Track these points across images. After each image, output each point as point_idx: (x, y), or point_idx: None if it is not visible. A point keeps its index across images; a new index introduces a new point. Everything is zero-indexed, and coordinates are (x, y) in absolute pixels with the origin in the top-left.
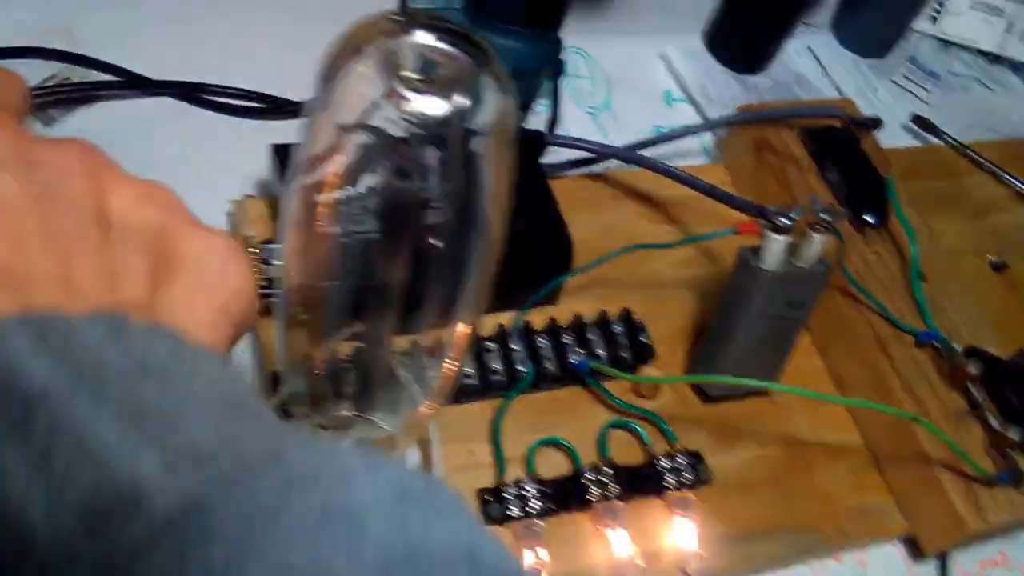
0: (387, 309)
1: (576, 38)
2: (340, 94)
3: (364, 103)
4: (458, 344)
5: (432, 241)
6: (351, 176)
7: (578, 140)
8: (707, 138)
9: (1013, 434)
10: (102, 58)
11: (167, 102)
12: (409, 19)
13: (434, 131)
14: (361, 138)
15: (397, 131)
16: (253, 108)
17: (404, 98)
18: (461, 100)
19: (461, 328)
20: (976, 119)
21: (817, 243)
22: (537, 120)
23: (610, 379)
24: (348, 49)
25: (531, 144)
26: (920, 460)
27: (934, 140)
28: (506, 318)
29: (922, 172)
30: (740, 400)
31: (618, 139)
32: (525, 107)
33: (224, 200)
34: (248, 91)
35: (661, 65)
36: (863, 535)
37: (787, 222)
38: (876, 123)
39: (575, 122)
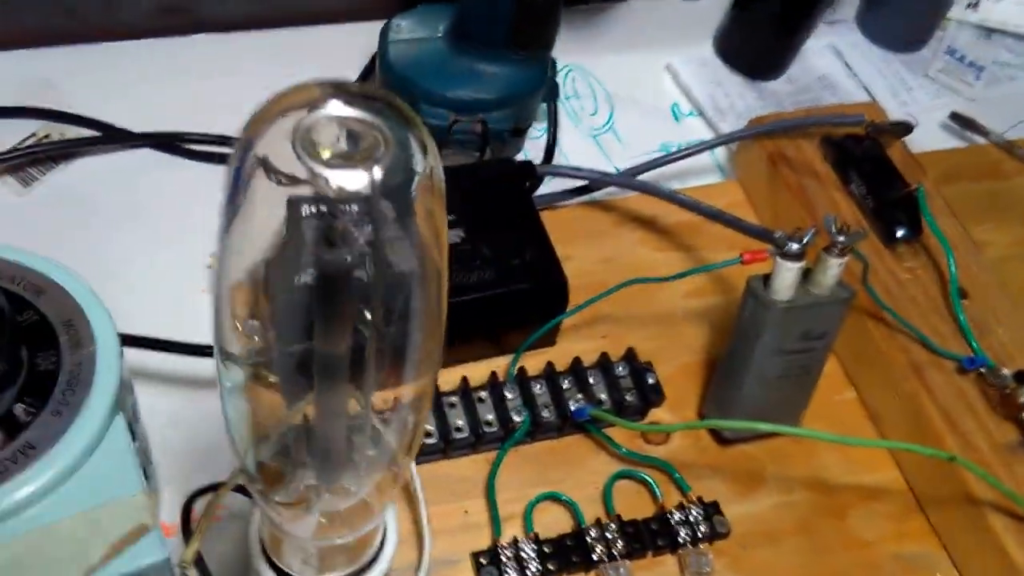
0: (337, 376)
1: (575, 56)
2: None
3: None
4: (415, 403)
5: (370, 309)
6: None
7: (572, 168)
8: (720, 153)
9: None
10: (82, 113)
11: (147, 153)
12: (325, 90)
13: (357, 201)
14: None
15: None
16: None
17: (321, 176)
18: (382, 169)
19: (416, 387)
20: None
21: (834, 268)
22: (535, 147)
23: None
24: (262, 125)
25: (520, 177)
26: (968, 502)
27: (978, 139)
28: (500, 364)
29: (964, 175)
30: (760, 440)
31: (622, 161)
32: (519, 133)
33: (205, 251)
34: (228, 137)
35: (667, 78)
36: None
37: (798, 247)
38: (906, 127)
39: (576, 146)
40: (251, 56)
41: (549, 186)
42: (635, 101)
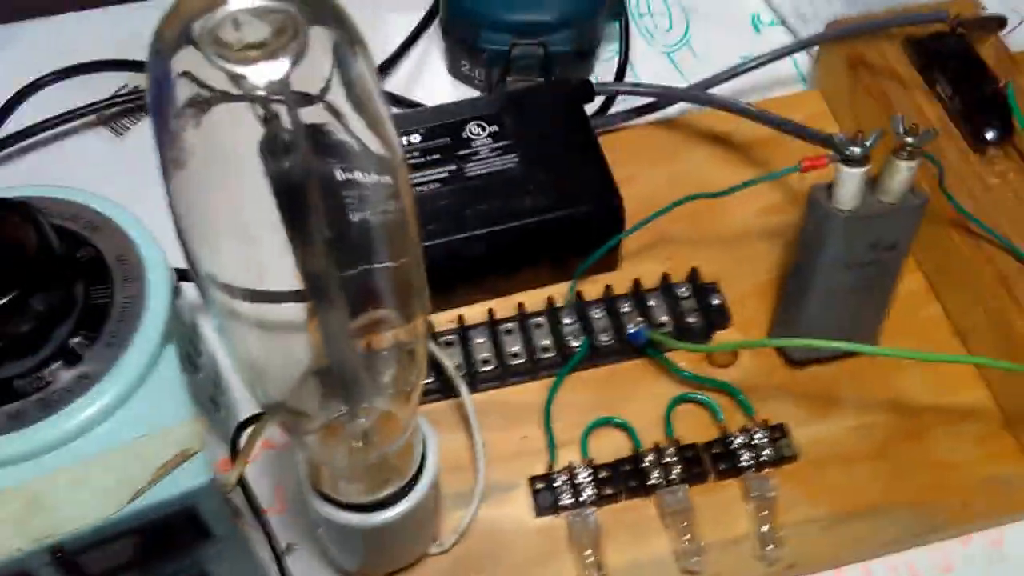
0: (329, 299)
1: None
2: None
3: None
4: (412, 332)
5: (334, 220)
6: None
7: (630, 84)
8: (804, 64)
9: None
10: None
11: None
12: None
13: (284, 97)
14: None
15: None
16: None
17: (239, 74)
18: (298, 54)
19: (401, 310)
20: None
21: (903, 172)
22: (607, 68)
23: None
24: (169, 38)
25: (577, 97)
26: None
27: None
28: (561, 290)
29: None
30: (834, 361)
31: (699, 78)
32: (586, 55)
33: None
34: None
35: None
36: (997, 511)
37: (859, 151)
38: (999, 21)
39: (649, 65)
40: None
41: (623, 105)
42: (712, 14)
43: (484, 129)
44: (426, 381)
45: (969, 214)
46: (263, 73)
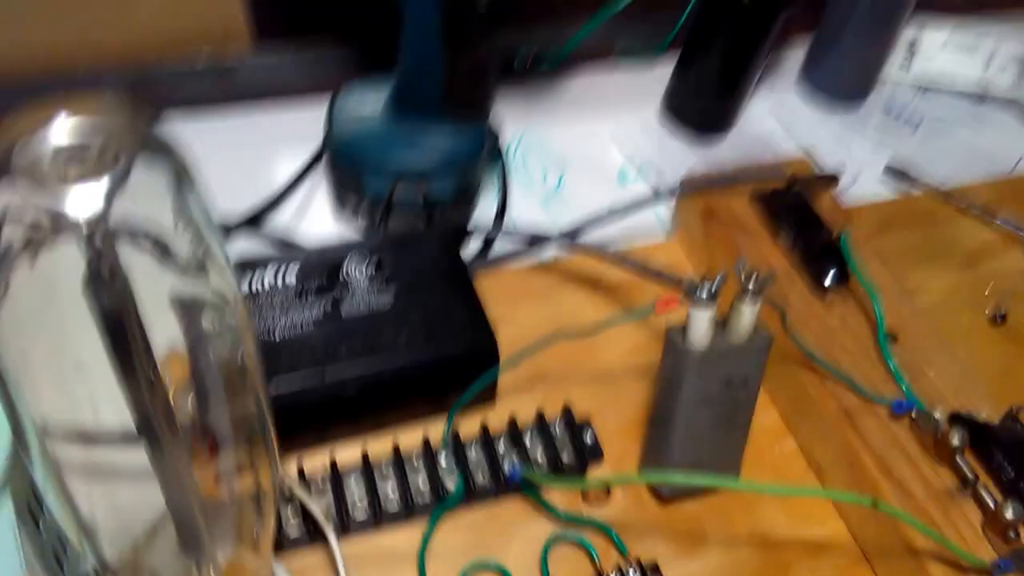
0: (162, 442)
1: (524, 125)
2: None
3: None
4: (257, 479)
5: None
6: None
7: (508, 230)
8: (666, 213)
9: (1009, 512)
10: None
11: None
12: (38, 111)
13: (99, 234)
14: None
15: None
16: None
17: (54, 211)
18: (118, 178)
19: (241, 453)
20: (965, 162)
21: (747, 314)
22: (484, 211)
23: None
24: None
25: (450, 238)
26: (909, 552)
27: (916, 191)
28: (436, 426)
29: (899, 224)
30: (701, 497)
31: (569, 225)
32: (467, 199)
33: None
34: None
35: (613, 145)
36: None
37: (707, 294)
38: (832, 179)
39: (525, 209)
40: (208, 136)
41: (502, 247)
42: (583, 167)
43: (362, 269)
44: (295, 530)
45: (812, 353)
46: (81, 205)
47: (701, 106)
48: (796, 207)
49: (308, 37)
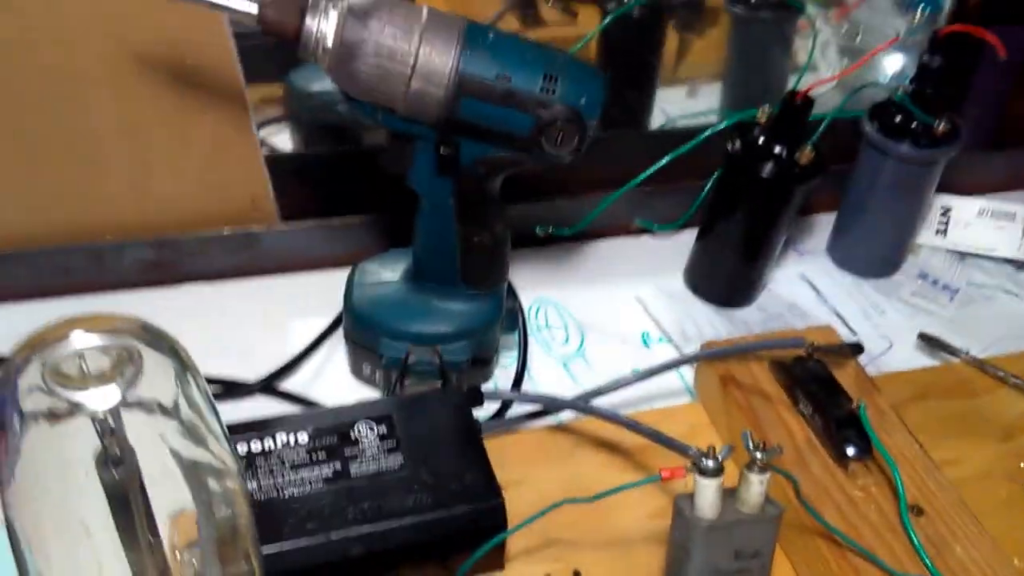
0: None
1: (547, 290)
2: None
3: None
4: None
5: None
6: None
7: (521, 393)
8: (690, 377)
9: None
10: None
11: None
12: (66, 325)
13: (112, 421)
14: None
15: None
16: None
17: (76, 402)
18: (128, 383)
19: None
20: (1007, 331)
21: (756, 484)
22: (505, 375)
23: None
24: (18, 363)
25: (463, 400)
26: None
27: (953, 359)
28: None
29: (933, 394)
30: None
31: (591, 387)
32: (484, 362)
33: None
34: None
35: (637, 308)
36: None
37: (711, 464)
38: (857, 348)
39: (547, 373)
40: (238, 302)
41: (518, 410)
42: (605, 330)
43: (373, 430)
44: None
45: (829, 525)
46: (97, 400)
47: (721, 280)
48: (816, 376)
49: (331, 214)
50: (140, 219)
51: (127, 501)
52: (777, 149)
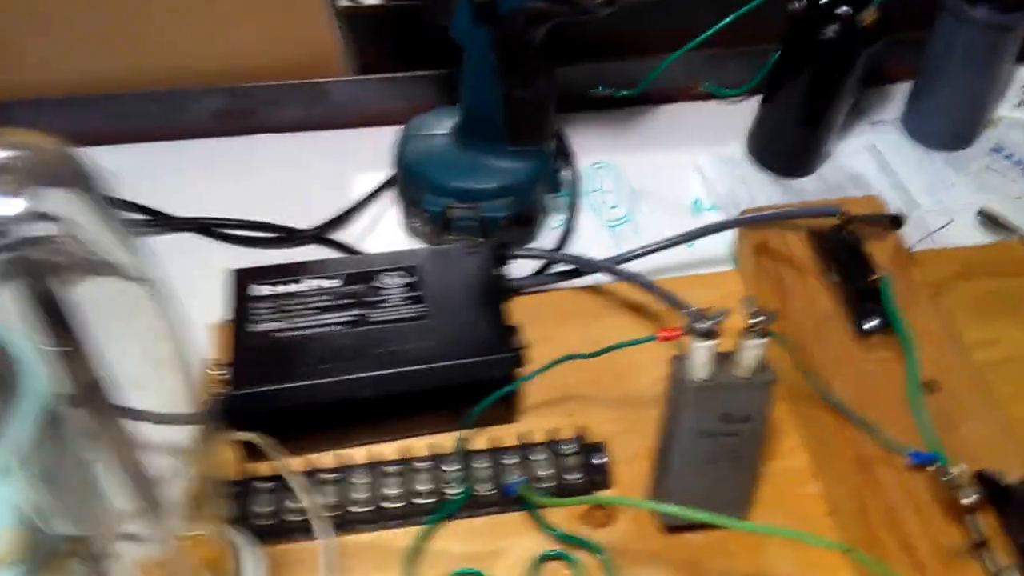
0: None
1: (605, 154)
2: None
3: None
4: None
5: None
6: None
7: (549, 251)
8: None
9: None
10: (138, 201)
11: (189, 237)
12: None
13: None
14: None
15: None
16: (262, 238)
17: None
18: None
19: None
20: None
21: (751, 349)
22: (552, 237)
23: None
24: None
25: (488, 255)
26: None
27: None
28: (451, 438)
29: (985, 271)
30: (707, 531)
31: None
32: (528, 222)
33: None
34: (257, 222)
35: (694, 175)
36: None
37: (705, 326)
38: (896, 220)
39: (592, 236)
40: (305, 153)
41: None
42: (658, 196)
43: (398, 279)
44: (296, 519)
45: (828, 396)
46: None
47: (782, 148)
48: (847, 246)
49: (401, 69)
50: (214, 67)
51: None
52: (841, 9)
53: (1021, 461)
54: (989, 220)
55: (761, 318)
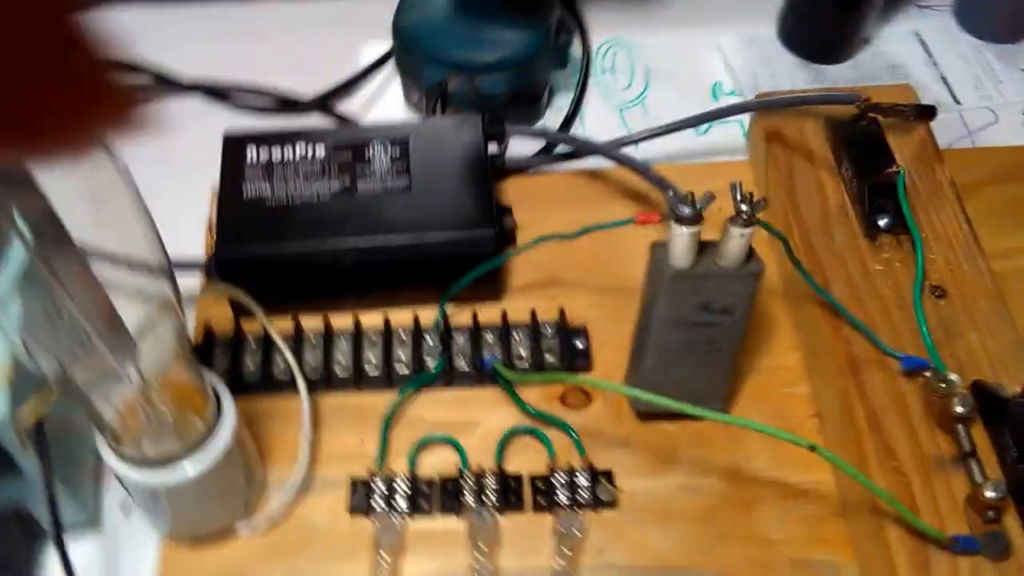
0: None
1: (622, 31)
2: None
3: None
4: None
5: None
6: None
7: (541, 129)
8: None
9: (990, 491)
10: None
11: (194, 101)
12: None
13: None
14: None
15: None
16: (270, 107)
17: None
18: None
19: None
20: None
21: (735, 238)
22: (558, 117)
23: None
24: None
25: (483, 132)
26: (875, 512)
27: None
28: (433, 312)
29: (1021, 176)
30: (680, 420)
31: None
32: (530, 99)
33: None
34: (262, 89)
35: (716, 56)
36: None
37: (688, 211)
38: (925, 111)
39: (601, 118)
40: (315, 21)
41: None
42: (674, 78)
43: (387, 150)
44: (281, 376)
45: (825, 293)
46: None
47: (815, 29)
48: (866, 137)
49: None
50: None
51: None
52: None
53: None
54: None
55: (752, 205)
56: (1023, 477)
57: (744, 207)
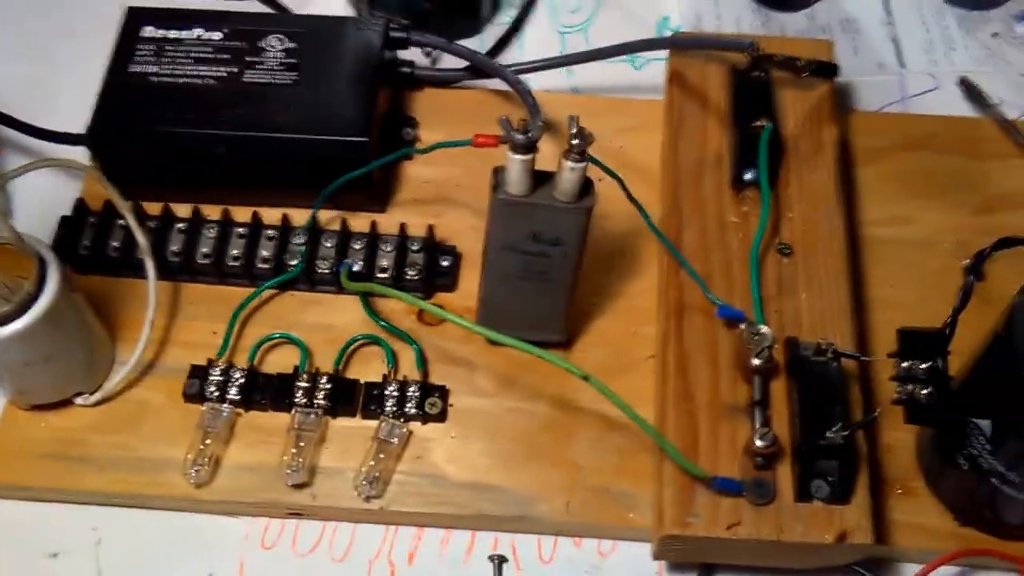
0: None
1: None
2: None
3: None
4: None
5: None
6: None
7: (441, 40)
8: None
9: (758, 440)
10: None
11: None
12: None
13: None
14: None
15: None
16: None
17: None
18: None
19: None
20: None
21: (567, 171)
22: (497, 31)
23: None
24: None
25: (381, 36)
26: (658, 449)
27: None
28: (323, 215)
29: (929, 145)
30: None
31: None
32: (468, 13)
33: None
34: None
35: None
36: (592, 521)
37: (520, 139)
38: (826, 69)
39: (540, 40)
40: None
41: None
42: (625, 7)
43: (281, 44)
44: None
45: (661, 234)
46: None
47: None
48: (753, 89)
49: None
50: None
51: None
52: None
53: (849, 341)
54: (970, 92)
55: (583, 140)
56: (802, 432)
57: (576, 141)
